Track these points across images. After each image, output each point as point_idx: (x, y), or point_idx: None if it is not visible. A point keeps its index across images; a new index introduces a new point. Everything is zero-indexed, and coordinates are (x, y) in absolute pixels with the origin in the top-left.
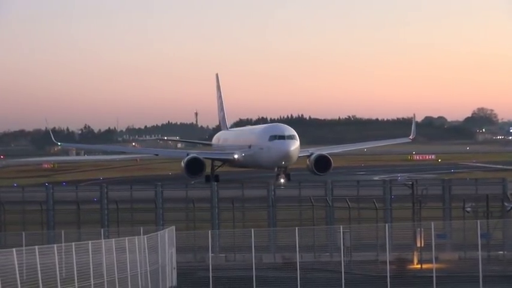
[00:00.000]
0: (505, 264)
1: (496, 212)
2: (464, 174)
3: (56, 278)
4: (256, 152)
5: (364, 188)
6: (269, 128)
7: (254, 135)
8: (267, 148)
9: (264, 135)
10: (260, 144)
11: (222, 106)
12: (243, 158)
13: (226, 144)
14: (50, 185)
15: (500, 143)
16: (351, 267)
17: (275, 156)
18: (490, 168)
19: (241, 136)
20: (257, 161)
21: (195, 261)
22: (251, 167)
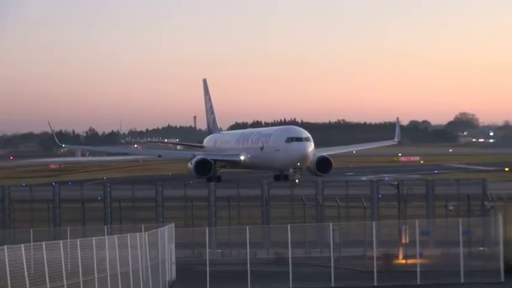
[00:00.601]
0: (485, 259)
1: (477, 210)
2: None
3: (61, 272)
4: (271, 153)
5: (353, 187)
6: (285, 130)
7: (267, 137)
8: (284, 150)
9: (280, 137)
10: (276, 146)
11: (212, 110)
12: (252, 160)
13: (227, 147)
14: (57, 185)
15: (481, 145)
16: (340, 263)
17: (293, 158)
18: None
19: (249, 138)
20: (272, 162)
21: (193, 257)
22: (262, 168)
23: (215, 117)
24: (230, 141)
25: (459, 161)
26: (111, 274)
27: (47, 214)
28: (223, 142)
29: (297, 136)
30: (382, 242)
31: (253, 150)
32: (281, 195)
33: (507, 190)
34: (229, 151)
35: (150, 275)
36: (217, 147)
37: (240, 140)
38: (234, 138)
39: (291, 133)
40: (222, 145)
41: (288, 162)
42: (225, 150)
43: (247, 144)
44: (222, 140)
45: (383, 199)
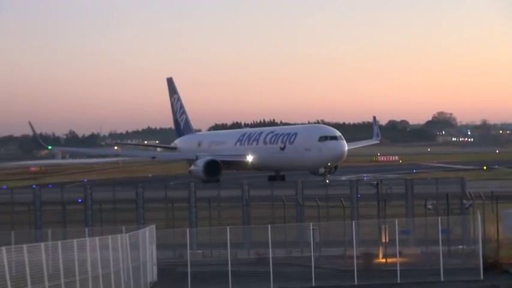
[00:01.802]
0: (464, 257)
1: (456, 209)
2: (426, 174)
3: (43, 274)
4: (298, 153)
5: (332, 187)
6: (315, 129)
7: (290, 137)
8: (318, 149)
9: (311, 136)
10: (306, 145)
11: (182, 110)
12: (267, 160)
13: (223, 148)
14: (37, 187)
15: (459, 144)
16: (320, 262)
17: (327, 157)
18: (449, 168)
19: (259, 138)
20: (300, 162)
21: (174, 258)
22: (280, 169)
23: (188, 118)
24: (226, 141)
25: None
26: (93, 276)
27: (27, 216)
28: (214, 143)
29: (330, 135)
30: (362, 241)
31: (268, 150)
32: (261, 195)
33: (485, 188)
34: (227, 152)
35: (131, 276)
36: (206, 149)
37: (242, 140)
38: (231, 138)
39: (323, 131)
40: (214, 146)
41: (321, 161)
42: (219, 151)
43: (256, 144)
44: (210, 140)
45: (362, 199)
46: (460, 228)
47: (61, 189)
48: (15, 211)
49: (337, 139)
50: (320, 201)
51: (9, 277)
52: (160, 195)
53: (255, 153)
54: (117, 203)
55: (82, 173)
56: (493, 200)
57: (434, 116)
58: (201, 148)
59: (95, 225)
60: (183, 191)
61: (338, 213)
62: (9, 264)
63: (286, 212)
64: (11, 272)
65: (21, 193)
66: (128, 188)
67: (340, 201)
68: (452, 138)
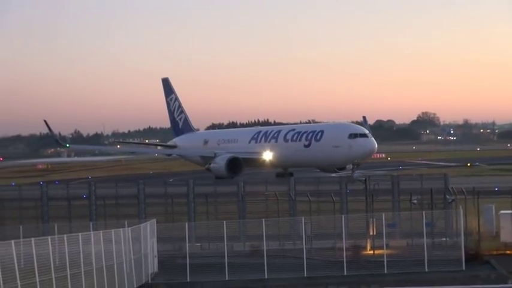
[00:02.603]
0: (447, 249)
1: (439, 203)
2: (411, 170)
3: (50, 266)
4: (326, 150)
5: (323, 183)
6: (343, 126)
7: (316, 134)
8: (348, 146)
9: (340, 134)
10: (335, 142)
11: (181, 109)
12: (289, 157)
13: (234, 146)
14: (44, 184)
15: (442, 143)
16: (311, 254)
17: (357, 154)
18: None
19: (278, 136)
20: (328, 159)
21: (173, 250)
22: (301, 166)
23: (187, 117)
24: (238, 139)
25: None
26: (97, 267)
27: (35, 212)
28: (224, 141)
29: (360, 132)
30: (351, 234)
31: (290, 147)
32: (256, 191)
33: (467, 184)
34: (240, 149)
35: (133, 267)
36: (215, 147)
37: (258, 138)
38: (244, 136)
39: (353, 129)
40: (225, 144)
41: (351, 158)
42: (231, 149)
43: (275, 142)
44: (219, 139)
45: (351, 194)
46: (443, 221)
47: (67, 185)
48: (23, 206)
49: (367, 136)
50: (311, 197)
51: (18, 269)
52: (160, 191)
53: (274, 150)
54: (119, 198)
55: (86, 170)
56: (475, 195)
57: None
58: (208, 146)
59: (99, 220)
60: (182, 187)
61: (328, 207)
62: (18, 257)
63: (279, 206)
64: (19, 264)
65: (29, 189)
66: (130, 185)
67: (330, 197)
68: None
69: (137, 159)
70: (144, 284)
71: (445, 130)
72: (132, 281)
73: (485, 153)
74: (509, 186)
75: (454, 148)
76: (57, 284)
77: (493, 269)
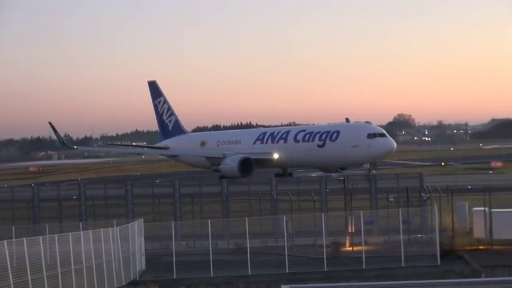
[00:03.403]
0: (423, 245)
1: (415, 201)
2: (388, 170)
3: (41, 265)
4: (344, 149)
5: (304, 183)
6: (362, 127)
7: (331, 135)
8: (367, 145)
9: (357, 133)
10: (353, 142)
11: (171, 111)
12: (300, 157)
13: (236, 147)
14: (36, 186)
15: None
16: (293, 251)
17: (378, 153)
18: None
19: (288, 136)
20: (344, 159)
21: (160, 248)
22: (312, 166)
23: (178, 119)
24: (241, 140)
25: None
26: (87, 266)
27: (27, 212)
28: (224, 142)
29: (379, 132)
30: (331, 231)
31: (301, 147)
32: (239, 191)
33: (441, 183)
34: (244, 150)
35: (122, 265)
36: (215, 148)
37: (264, 139)
38: (247, 137)
39: (371, 129)
40: (226, 145)
41: (370, 157)
42: (233, 149)
43: (284, 142)
44: (218, 140)
45: (331, 193)
46: (419, 218)
47: (57, 187)
48: (15, 207)
49: (386, 136)
50: (292, 196)
51: (11, 268)
52: (147, 192)
53: (284, 151)
54: (108, 199)
55: (76, 172)
56: (449, 193)
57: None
58: (206, 147)
59: (89, 220)
60: (168, 187)
61: (309, 206)
62: (11, 256)
63: (261, 205)
64: (12, 263)
65: (21, 191)
66: (118, 186)
67: (311, 196)
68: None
69: (125, 161)
70: (132, 281)
71: (420, 131)
72: (120, 278)
73: (459, 153)
74: (481, 184)
75: (428, 148)
76: (49, 282)
77: (466, 264)
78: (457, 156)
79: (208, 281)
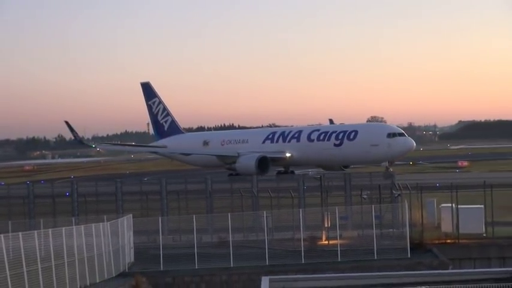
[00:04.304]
0: (394, 239)
1: (387, 198)
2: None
3: (36, 257)
4: (362, 148)
5: (282, 181)
6: (381, 127)
7: (348, 134)
8: (387, 145)
9: (377, 133)
10: (372, 141)
11: (166, 112)
12: (318, 156)
13: (244, 146)
14: (31, 183)
15: None
16: (272, 244)
17: (397, 152)
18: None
19: (301, 135)
20: (363, 157)
21: (148, 242)
22: (332, 163)
23: (174, 119)
24: (249, 140)
25: None
26: (79, 258)
27: (22, 208)
28: (230, 142)
29: (398, 132)
30: (308, 226)
31: (316, 146)
32: (222, 188)
33: (411, 181)
34: (253, 150)
35: (112, 258)
36: (219, 147)
37: (273, 138)
38: (255, 136)
39: (390, 129)
40: (232, 145)
41: (389, 156)
42: (241, 148)
43: (297, 141)
44: (223, 139)
45: (308, 190)
46: (390, 214)
47: (51, 184)
48: (11, 204)
49: (405, 135)
50: (272, 193)
51: (7, 260)
52: (136, 189)
53: (296, 150)
54: (99, 196)
55: (69, 171)
56: (418, 190)
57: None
58: (210, 147)
59: (81, 215)
60: (155, 185)
61: (287, 202)
62: (7, 249)
63: (243, 202)
64: (8, 256)
65: (17, 188)
66: (108, 183)
67: (289, 193)
68: None
69: (114, 160)
70: (122, 272)
71: None
72: (110, 270)
73: (428, 153)
74: (449, 182)
75: None
76: (43, 274)
77: (435, 257)
78: (426, 156)
79: (193, 272)
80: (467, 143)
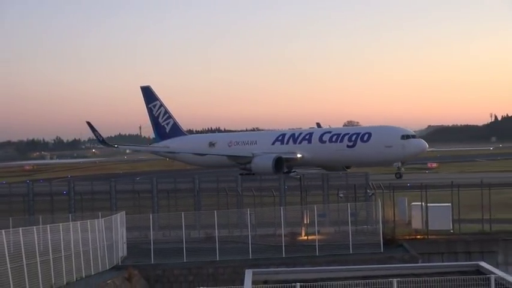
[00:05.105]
0: (368, 235)
1: (361, 197)
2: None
3: (35, 251)
4: (376, 149)
5: (265, 181)
6: (394, 129)
7: (361, 136)
8: (401, 146)
9: (391, 135)
10: (386, 142)
11: (168, 114)
12: (331, 157)
13: (252, 147)
14: (30, 182)
15: None
16: (255, 239)
17: (411, 153)
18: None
19: (312, 137)
20: (377, 158)
21: (140, 237)
22: (345, 164)
23: (176, 121)
24: (258, 141)
25: None
26: (75, 252)
27: (22, 205)
28: (238, 143)
29: (411, 134)
30: (288, 222)
31: (329, 148)
32: (209, 188)
33: (384, 181)
34: (262, 151)
35: (106, 252)
36: (226, 148)
37: (283, 140)
38: (264, 138)
39: (404, 131)
40: (240, 146)
41: (403, 157)
42: (250, 150)
43: (308, 143)
44: (231, 141)
45: (289, 189)
46: (365, 212)
47: (50, 183)
48: (12, 201)
49: (417, 137)
50: (255, 192)
51: (8, 254)
52: (129, 188)
53: (307, 151)
54: (94, 194)
55: (66, 171)
56: (390, 189)
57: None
58: (217, 148)
59: (77, 212)
60: (147, 184)
61: (269, 201)
62: (8, 244)
63: (228, 200)
64: (9, 250)
65: (17, 187)
66: (103, 182)
67: (271, 192)
68: None
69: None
70: (115, 265)
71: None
72: (105, 263)
73: None
74: (419, 182)
75: None
76: (42, 267)
77: (406, 251)
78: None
79: (181, 265)
80: (436, 146)
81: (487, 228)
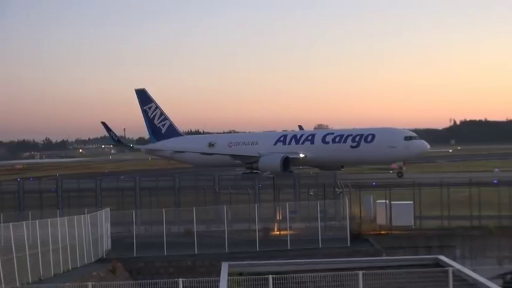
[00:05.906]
0: (336, 230)
1: (330, 195)
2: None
3: (24, 245)
4: (380, 150)
5: (241, 179)
6: (397, 130)
7: (365, 137)
8: (404, 147)
9: (394, 136)
10: (390, 143)
11: (163, 116)
12: (334, 157)
13: (254, 148)
14: (21, 180)
15: None
16: (231, 234)
17: (413, 153)
18: None
19: (315, 138)
20: (380, 158)
21: (123, 232)
22: (348, 164)
23: (172, 122)
24: (259, 142)
25: None
26: (62, 246)
27: (13, 202)
28: (238, 143)
29: (413, 135)
30: (262, 218)
31: (332, 148)
32: (188, 185)
33: (351, 180)
34: (264, 150)
35: (91, 246)
36: (227, 149)
37: (285, 141)
38: (265, 139)
39: (406, 133)
40: (240, 146)
41: (405, 157)
42: (250, 149)
43: (311, 144)
44: (231, 141)
45: (262, 188)
46: (333, 209)
47: (39, 181)
48: (3, 198)
49: (419, 139)
50: (231, 190)
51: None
52: (113, 186)
53: (310, 151)
54: (81, 191)
55: (55, 169)
56: (357, 188)
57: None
58: (217, 148)
59: (64, 208)
60: (130, 182)
61: (245, 198)
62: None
63: (206, 197)
64: (0, 243)
65: (8, 185)
66: (89, 181)
67: (246, 190)
68: None
69: (95, 160)
70: (100, 258)
71: None
72: (90, 256)
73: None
74: (383, 181)
75: None
76: (31, 260)
77: (371, 246)
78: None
79: (162, 258)
80: None
81: (446, 224)
